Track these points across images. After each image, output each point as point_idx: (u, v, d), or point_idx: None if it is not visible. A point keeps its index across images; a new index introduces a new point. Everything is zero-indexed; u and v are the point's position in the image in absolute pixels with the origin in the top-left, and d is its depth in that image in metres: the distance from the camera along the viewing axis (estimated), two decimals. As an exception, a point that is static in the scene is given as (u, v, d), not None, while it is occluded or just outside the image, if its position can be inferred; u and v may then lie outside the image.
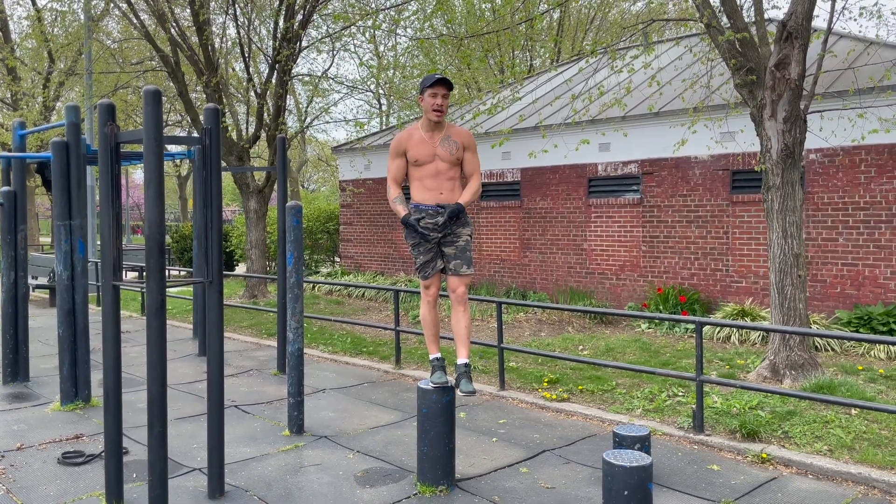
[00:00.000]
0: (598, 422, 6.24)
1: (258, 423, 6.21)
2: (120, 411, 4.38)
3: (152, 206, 3.87)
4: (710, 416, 6.01)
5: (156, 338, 3.89)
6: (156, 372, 3.90)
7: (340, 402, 6.92)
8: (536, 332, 10.11)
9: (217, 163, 4.34)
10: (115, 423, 4.34)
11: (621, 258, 11.74)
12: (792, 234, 6.93)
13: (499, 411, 6.58)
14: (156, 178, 3.85)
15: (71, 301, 6.76)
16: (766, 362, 7.13)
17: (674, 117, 10.74)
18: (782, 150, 6.87)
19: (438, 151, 4.61)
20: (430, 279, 4.67)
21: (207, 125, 4.35)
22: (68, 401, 6.74)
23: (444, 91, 4.52)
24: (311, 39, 16.97)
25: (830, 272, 9.63)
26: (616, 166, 11.76)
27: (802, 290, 6.96)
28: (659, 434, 5.83)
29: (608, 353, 8.51)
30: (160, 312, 3.89)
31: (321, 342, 9.84)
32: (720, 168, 10.60)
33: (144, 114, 3.86)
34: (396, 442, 5.70)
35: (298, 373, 5.87)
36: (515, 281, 13.17)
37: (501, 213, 13.46)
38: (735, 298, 10.37)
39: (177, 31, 13.23)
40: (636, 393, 6.80)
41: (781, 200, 6.94)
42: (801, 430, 5.66)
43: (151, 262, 3.88)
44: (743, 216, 10.42)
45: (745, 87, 7.11)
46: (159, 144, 3.85)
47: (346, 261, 16.78)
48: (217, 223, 4.37)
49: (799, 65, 6.71)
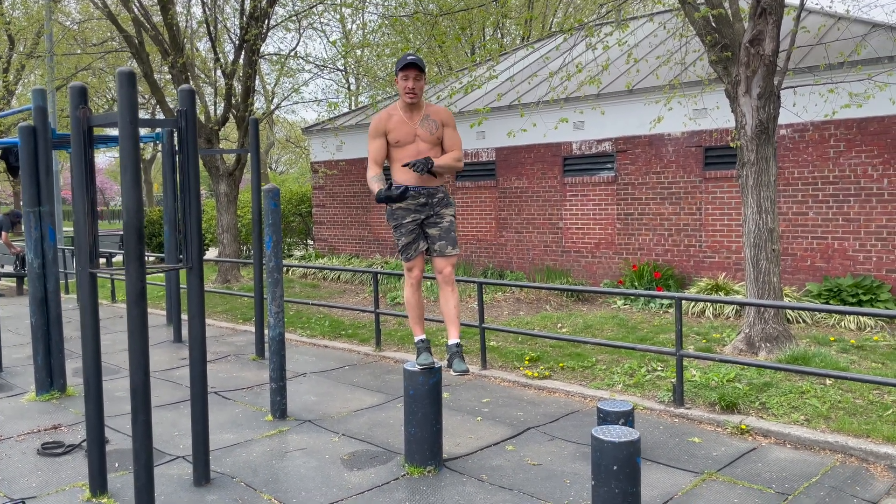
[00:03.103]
0: (580, 398, 6.31)
1: (240, 409, 6.15)
2: (101, 401, 4.31)
3: (129, 191, 3.77)
4: (689, 389, 6.11)
5: (137, 326, 3.81)
6: (139, 360, 3.82)
7: (322, 386, 6.89)
8: (515, 311, 10.16)
9: (194, 146, 4.25)
10: (97, 413, 4.26)
11: (596, 236, 11.82)
12: (766, 209, 7.03)
13: (482, 390, 6.61)
14: (132, 163, 3.75)
15: (43, 289, 6.60)
16: (741, 335, 7.25)
17: (648, 94, 10.78)
18: (757, 126, 6.94)
19: (419, 132, 4.56)
20: (413, 261, 4.64)
21: (183, 107, 4.25)
22: (44, 391, 6.61)
23: (414, 73, 4.46)
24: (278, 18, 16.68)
25: (801, 246, 9.81)
26: (590, 145, 11.80)
27: (776, 263, 7.08)
28: (640, 409, 5.90)
29: (587, 329, 8.59)
30: (140, 300, 3.81)
31: (299, 326, 9.77)
32: (693, 145, 10.69)
33: (119, 96, 3.75)
34: (381, 424, 5.70)
35: (280, 357, 5.82)
36: (492, 261, 13.19)
37: (477, 193, 13.44)
38: (708, 274, 10.52)
39: (140, 10, 12.88)
40: (616, 369, 6.87)
41: (756, 176, 7.02)
42: (778, 401, 5.77)
43: (130, 248, 3.79)
44: (715, 192, 10.54)
45: (720, 64, 7.16)
46: (135, 128, 3.75)
47: (320, 244, 16.65)
48: (196, 208, 4.29)
49: (773, 41, 6.76)
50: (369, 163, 4.63)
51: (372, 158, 4.62)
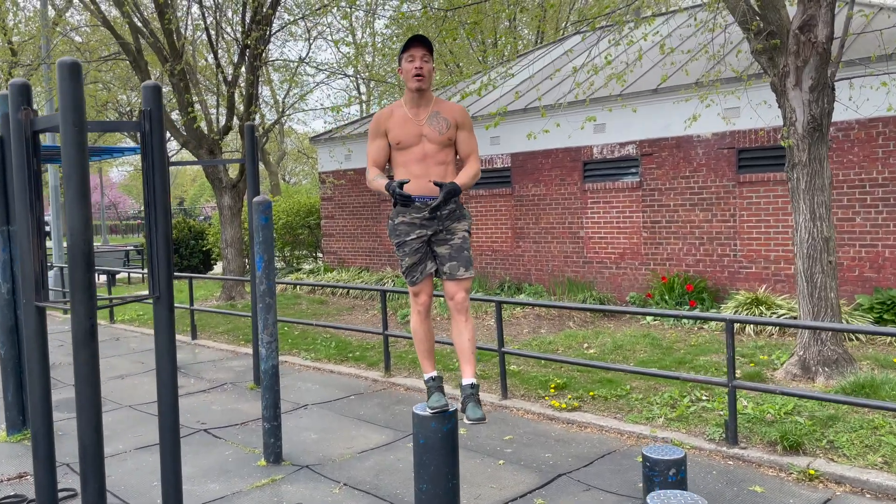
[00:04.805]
0: (616, 434, 5.54)
1: (230, 451, 5.44)
2: (53, 463, 3.61)
3: (75, 207, 3.08)
4: (741, 423, 5.33)
5: (87, 372, 3.11)
6: (88, 417, 3.12)
7: (324, 420, 6.17)
8: (536, 328, 9.40)
9: (161, 152, 3.55)
10: (48, 476, 3.56)
11: (621, 245, 11.05)
12: (821, 215, 6.26)
13: (503, 425, 5.86)
14: (77, 173, 3.06)
15: (13, 317, 5.94)
16: (794, 358, 6.46)
17: (676, 93, 10.02)
18: (809, 123, 6.17)
19: (425, 131, 3.82)
20: (419, 285, 3.88)
21: (147, 107, 3.55)
22: (15, 430, 5.94)
23: (421, 52, 3.72)
24: (283, 22, 16.08)
25: (848, 254, 8.99)
26: (613, 148, 11.04)
27: (833, 277, 6.29)
28: (687, 448, 5.14)
29: (617, 350, 7.81)
30: (90, 340, 3.11)
31: (303, 348, 9.07)
32: (725, 147, 9.91)
33: (60, 93, 3.06)
34: (390, 470, 4.96)
35: (274, 393, 5.11)
36: (509, 273, 12.45)
37: (492, 201, 12.71)
38: (745, 285, 9.71)
39: (137, 15, 12.30)
40: (655, 398, 6.10)
41: (808, 179, 6.25)
42: (848, 438, 4.99)
43: (77, 277, 3.09)
44: (751, 197, 9.75)
45: (765, 54, 6.40)
46: (80, 131, 3.06)
47: (329, 256, 15.98)
48: (164, 226, 3.58)
49: (827, 26, 6.00)
50: (368, 165, 3.90)
51: (371, 161, 3.88)
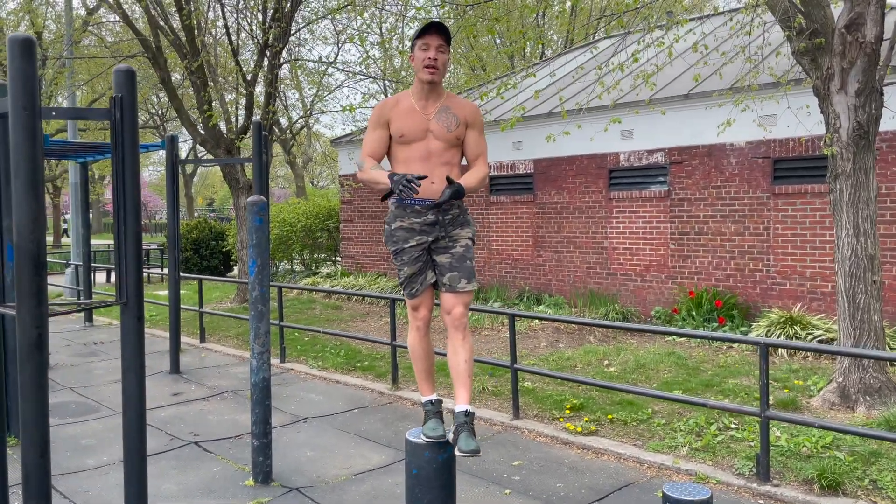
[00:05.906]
0: (635, 464, 5.08)
1: (218, 468, 5.09)
2: (5, 480, 3.28)
3: (23, 201, 2.74)
4: (774, 456, 4.85)
5: (33, 389, 2.77)
6: (32, 437, 2.78)
7: (323, 436, 5.79)
8: (553, 342, 8.95)
9: (132, 143, 3.20)
10: (-3, 496, 3.23)
11: (647, 257, 10.55)
12: (865, 230, 5.74)
13: (513, 448, 5.44)
14: (26, 163, 2.73)
15: (0, 318, 5.66)
16: (833, 385, 5.95)
17: (709, 98, 9.52)
18: (854, 130, 5.67)
19: (432, 126, 3.44)
20: (418, 297, 3.48)
21: (118, 93, 3.21)
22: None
23: (438, 42, 3.35)
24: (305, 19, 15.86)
25: (890, 273, 8.41)
26: (640, 155, 10.57)
27: (878, 298, 5.77)
28: (713, 483, 4.67)
29: (639, 369, 7.34)
30: (36, 351, 2.76)
31: (311, 355, 8.72)
32: (760, 156, 9.38)
33: (9, 72, 2.73)
34: (385, 496, 4.57)
35: (264, 409, 4.75)
36: (529, 283, 12.00)
37: (513, 208, 12.28)
38: (778, 302, 9.17)
39: (158, 11, 12.13)
40: (678, 424, 5.63)
41: (853, 190, 5.74)
42: (893, 478, 4.48)
43: (24, 281, 2.75)
44: (786, 210, 9.21)
45: (807, 55, 5.91)
46: (31, 116, 2.72)
47: (347, 261, 15.66)
48: (133, 224, 3.22)
49: (876, 25, 5.51)
50: (361, 155, 3.51)
51: (367, 152, 3.47)
